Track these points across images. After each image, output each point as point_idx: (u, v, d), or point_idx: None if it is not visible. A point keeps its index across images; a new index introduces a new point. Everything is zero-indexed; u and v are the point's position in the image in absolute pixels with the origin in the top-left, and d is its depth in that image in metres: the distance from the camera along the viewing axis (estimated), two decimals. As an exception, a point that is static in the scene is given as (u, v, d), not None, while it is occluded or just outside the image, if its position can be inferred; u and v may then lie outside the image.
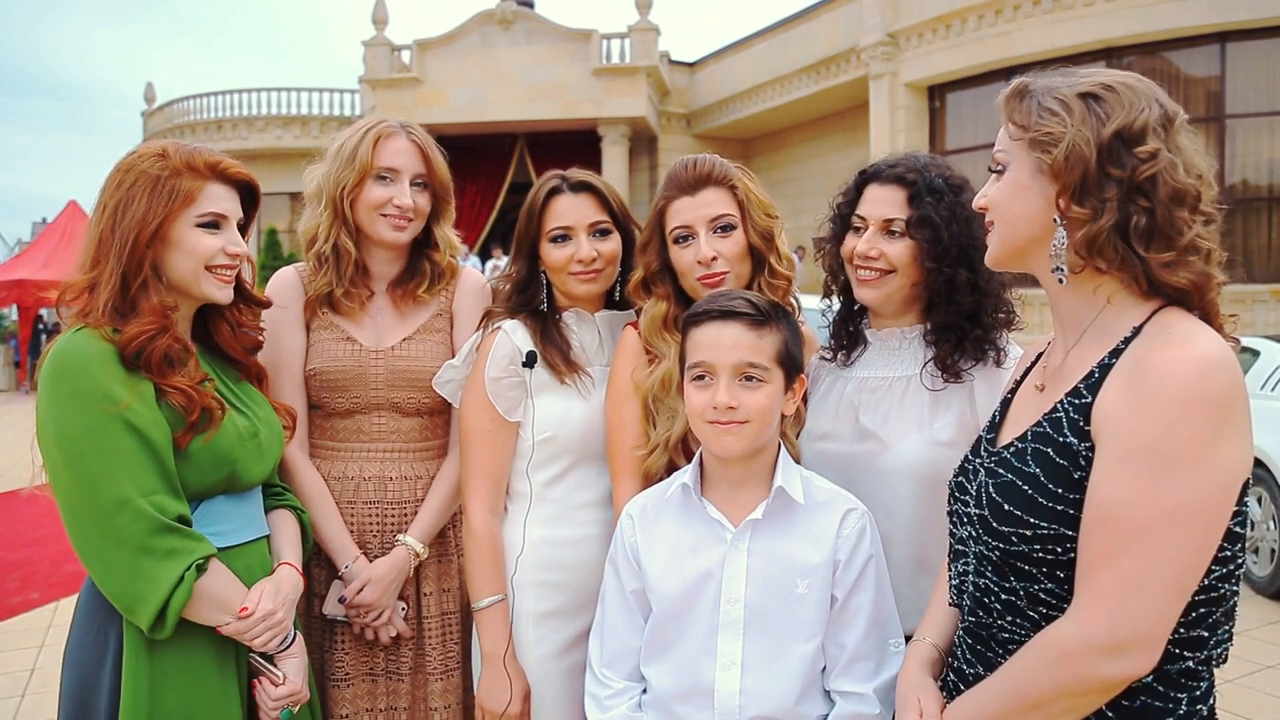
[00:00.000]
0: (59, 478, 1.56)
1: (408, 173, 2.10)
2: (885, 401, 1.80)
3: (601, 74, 18.69)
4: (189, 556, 1.55)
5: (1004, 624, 1.28)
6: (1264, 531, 5.66)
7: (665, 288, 1.91)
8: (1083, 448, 1.20)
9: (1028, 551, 1.22)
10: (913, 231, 1.75)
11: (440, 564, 2.15)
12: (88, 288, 1.65)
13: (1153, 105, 1.22)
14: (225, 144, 21.65)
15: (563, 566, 1.93)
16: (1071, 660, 1.16)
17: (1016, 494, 1.24)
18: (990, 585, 1.29)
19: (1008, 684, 1.24)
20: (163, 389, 1.61)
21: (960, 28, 13.75)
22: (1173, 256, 1.19)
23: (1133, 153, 1.19)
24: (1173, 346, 1.16)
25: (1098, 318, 1.27)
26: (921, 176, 1.77)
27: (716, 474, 1.67)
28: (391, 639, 2.08)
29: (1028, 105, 1.26)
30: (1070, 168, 1.20)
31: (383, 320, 2.15)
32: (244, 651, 1.69)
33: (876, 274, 1.79)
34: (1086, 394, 1.22)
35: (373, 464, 2.11)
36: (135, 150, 1.73)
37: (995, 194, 1.32)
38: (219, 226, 1.72)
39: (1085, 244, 1.21)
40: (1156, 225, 1.19)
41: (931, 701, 1.37)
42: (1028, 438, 1.27)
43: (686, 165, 1.91)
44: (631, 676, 1.69)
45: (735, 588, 1.60)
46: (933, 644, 1.47)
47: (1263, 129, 12.00)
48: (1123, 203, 1.19)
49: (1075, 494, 1.19)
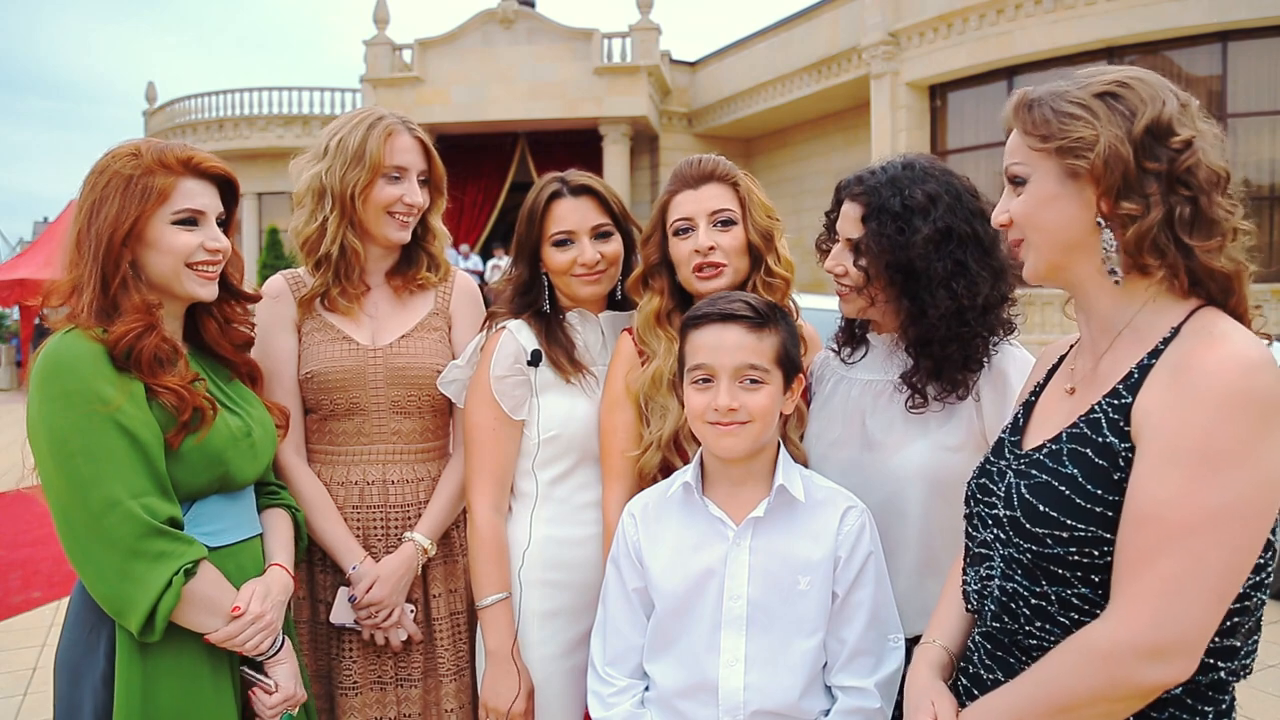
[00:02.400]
0: (50, 479, 1.55)
1: (415, 170, 2.09)
2: (891, 407, 1.80)
3: (603, 73, 18.68)
4: (178, 560, 1.54)
5: (1032, 629, 1.24)
6: (1265, 531, 5.65)
7: (662, 282, 1.94)
8: (1123, 448, 1.17)
9: (1063, 554, 1.19)
10: (857, 256, 1.75)
11: (446, 565, 2.15)
12: (72, 289, 1.64)
13: (1170, 96, 1.21)
14: (226, 143, 21.66)
15: (567, 566, 1.94)
16: (1109, 663, 1.12)
17: (1053, 495, 1.21)
18: (1019, 589, 1.26)
19: (1036, 687, 1.20)
20: (154, 389, 1.60)
21: (961, 27, 13.74)
22: (1219, 242, 1.18)
23: (1167, 145, 1.18)
24: (1214, 346, 1.14)
25: (1134, 319, 1.25)
26: (876, 196, 1.73)
27: (717, 473, 1.68)
28: (402, 644, 2.05)
29: (1041, 113, 1.24)
30: (1110, 169, 1.18)
31: (380, 315, 2.13)
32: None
33: (847, 289, 1.80)
34: (1126, 394, 1.19)
35: (374, 468, 2.09)
36: (110, 150, 1.71)
37: (1021, 208, 1.28)
38: (196, 223, 1.70)
39: (1135, 242, 1.19)
40: (1200, 212, 1.17)
41: (946, 705, 1.34)
42: (1063, 439, 1.24)
43: (692, 162, 1.94)
44: (634, 674, 1.70)
45: (738, 584, 1.61)
46: (943, 647, 1.45)
47: (1264, 128, 11.99)
48: (1164, 195, 1.17)
49: (1115, 495, 1.16)
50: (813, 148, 18.72)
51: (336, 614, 2.04)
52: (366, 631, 2.04)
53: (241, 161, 20.81)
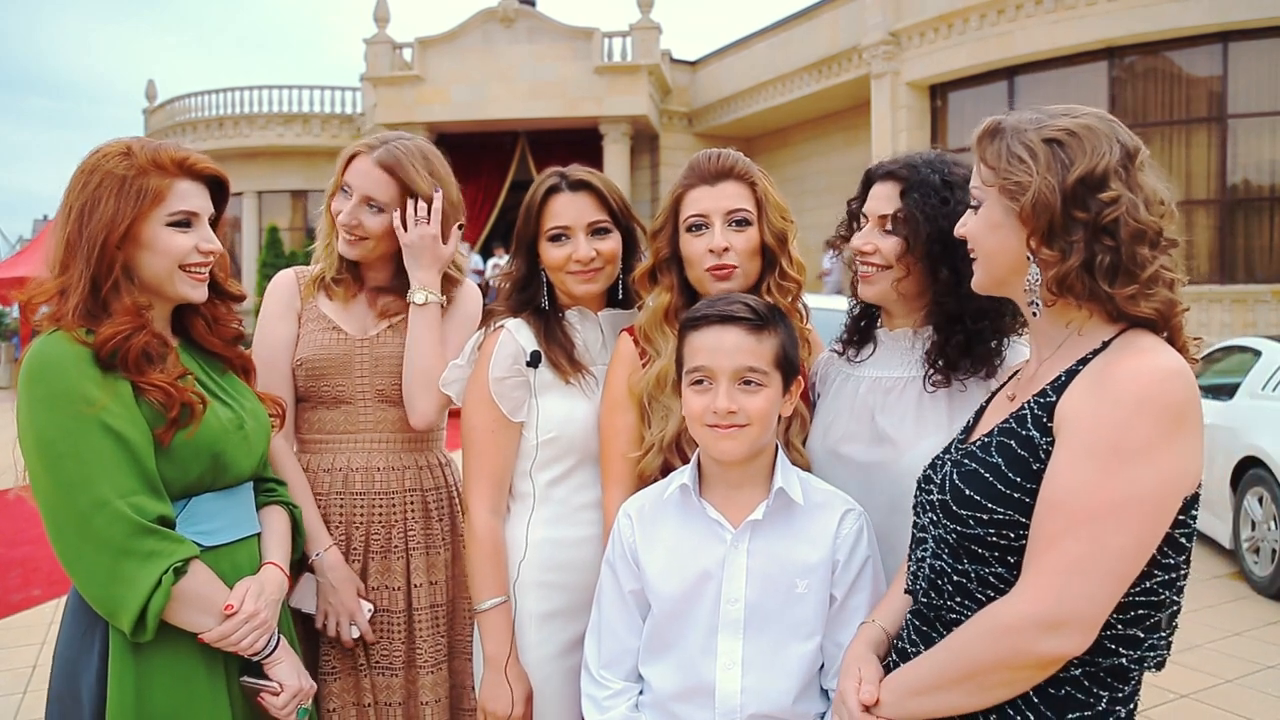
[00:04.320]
0: (39, 481, 1.54)
1: (360, 193, 2.10)
2: (901, 403, 1.80)
3: (603, 72, 18.67)
4: (168, 559, 1.53)
5: (953, 605, 1.34)
6: (1265, 532, 5.65)
7: (671, 278, 1.90)
8: (1043, 442, 1.27)
9: (983, 535, 1.30)
10: (896, 226, 1.76)
11: (428, 556, 2.16)
12: (58, 292, 1.62)
13: (1114, 147, 1.29)
14: (226, 142, 21.63)
15: (565, 567, 1.93)
16: (1011, 634, 1.22)
17: (978, 481, 1.31)
18: (945, 567, 1.36)
19: (948, 655, 1.32)
20: (140, 387, 1.59)
21: (962, 27, 13.72)
22: (1136, 289, 1.27)
23: (1096, 197, 1.26)
24: (1137, 356, 1.24)
25: (1069, 337, 1.35)
26: (915, 172, 1.77)
27: (714, 475, 1.67)
28: (374, 638, 2.07)
29: (997, 148, 1.34)
30: (1037, 214, 1.28)
31: (370, 313, 2.18)
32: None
33: (873, 269, 1.80)
34: (1052, 394, 1.30)
35: (360, 455, 2.13)
36: (98, 149, 1.66)
37: (973, 228, 1.41)
38: (190, 224, 1.69)
39: (1055, 282, 1.29)
40: (1121, 262, 1.26)
41: (871, 671, 1.44)
42: (994, 433, 1.35)
43: (710, 156, 1.90)
44: (629, 677, 1.70)
45: (735, 588, 1.60)
46: (881, 626, 1.54)
47: (1264, 129, 11.97)
48: (1089, 243, 1.27)
49: (1032, 484, 1.26)
50: (813, 147, 18.72)
51: (296, 598, 2.03)
52: (319, 620, 2.05)
53: (241, 160, 20.78)
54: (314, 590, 2.05)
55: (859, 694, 1.40)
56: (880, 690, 1.40)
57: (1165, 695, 4.05)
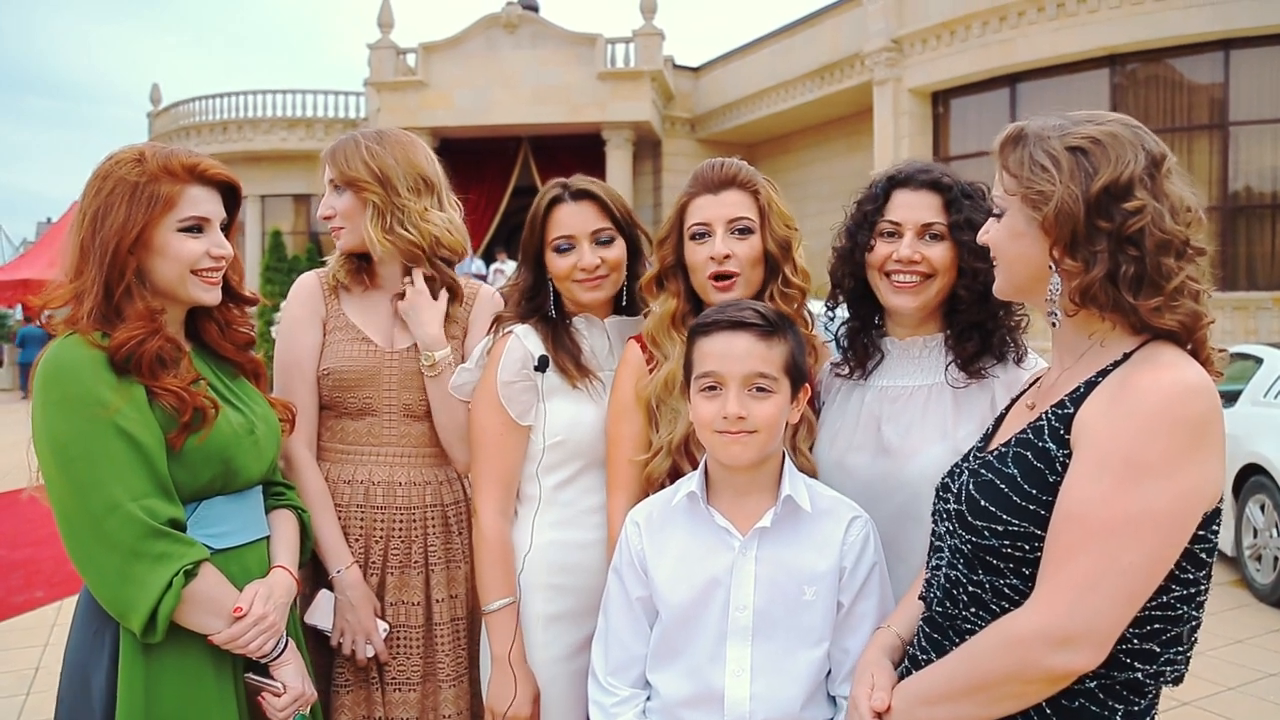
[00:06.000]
0: (53, 483, 1.56)
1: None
2: (908, 411, 1.80)
3: (606, 78, 18.70)
4: (179, 561, 1.55)
5: (968, 615, 1.33)
6: (1266, 539, 5.65)
7: (677, 284, 1.92)
8: (1060, 454, 1.26)
9: (998, 546, 1.28)
10: (956, 234, 1.76)
11: (448, 570, 2.15)
12: (73, 296, 1.64)
13: (1139, 154, 1.26)
14: (230, 145, 21.68)
15: (572, 570, 1.94)
16: (1022, 647, 1.21)
17: (994, 492, 1.29)
18: (960, 577, 1.34)
19: (959, 666, 1.30)
20: (154, 391, 1.61)
21: (964, 34, 13.74)
22: (1161, 301, 1.24)
23: (1120, 206, 1.24)
24: (1158, 370, 1.22)
25: (1091, 346, 1.33)
26: (956, 182, 1.79)
27: (722, 482, 1.67)
28: (389, 655, 2.06)
29: (1020, 156, 1.31)
30: (1061, 224, 1.26)
31: (398, 323, 2.17)
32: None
33: (917, 279, 1.78)
34: (1070, 406, 1.28)
35: (382, 468, 2.11)
36: (112, 155, 1.70)
37: (995, 236, 1.39)
38: (202, 230, 1.70)
39: (1079, 292, 1.27)
40: (1145, 273, 1.24)
41: (884, 677, 1.44)
42: (1011, 443, 1.34)
43: (713, 166, 1.92)
44: (637, 684, 1.70)
45: (744, 595, 1.61)
46: (896, 632, 1.53)
47: (1266, 136, 11.98)
48: (1113, 253, 1.24)
49: (1048, 496, 1.24)
50: (815, 154, 18.74)
51: (313, 614, 2.03)
52: (335, 639, 2.03)
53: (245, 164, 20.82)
54: (331, 607, 2.04)
55: (871, 700, 1.40)
56: (891, 697, 1.39)
57: (1167, 702, 4.04)
